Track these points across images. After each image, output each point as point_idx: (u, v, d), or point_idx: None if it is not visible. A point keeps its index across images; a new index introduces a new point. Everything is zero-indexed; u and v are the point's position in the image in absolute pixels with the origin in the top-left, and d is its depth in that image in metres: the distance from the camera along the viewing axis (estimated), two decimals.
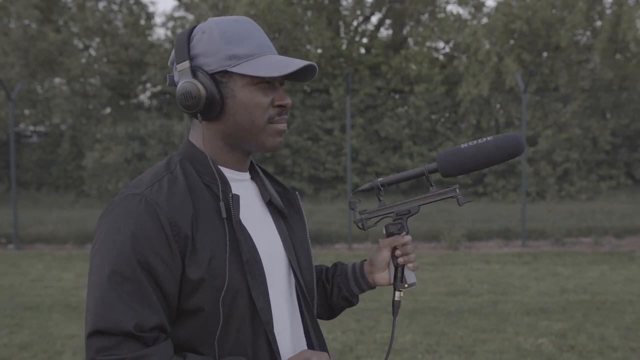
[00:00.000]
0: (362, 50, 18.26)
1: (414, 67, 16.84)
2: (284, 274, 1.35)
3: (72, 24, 18.02)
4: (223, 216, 1.21)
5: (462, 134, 16.12)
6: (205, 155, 1.27)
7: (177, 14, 19.90)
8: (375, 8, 18.76)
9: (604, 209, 12.76)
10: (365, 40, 18.99)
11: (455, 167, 1.37)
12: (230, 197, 1.24)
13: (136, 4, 18.30)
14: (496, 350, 4.81)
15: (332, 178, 15.73)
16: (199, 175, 1.26)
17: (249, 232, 1.26)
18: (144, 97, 18.31)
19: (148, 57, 16.59)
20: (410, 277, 1.44)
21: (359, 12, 18.75)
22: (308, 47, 16.55)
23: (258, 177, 1.40)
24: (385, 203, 1.44)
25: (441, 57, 17.86)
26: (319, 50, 16.83)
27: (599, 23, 16.14)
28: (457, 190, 1.38)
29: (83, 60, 17.25)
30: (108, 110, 17.20)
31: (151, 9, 32.73)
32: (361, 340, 5.12)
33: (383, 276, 1.47)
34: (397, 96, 16.74)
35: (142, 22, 18.38)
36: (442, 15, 18.10)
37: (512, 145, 1.35)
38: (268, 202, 1.39)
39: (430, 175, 1.40)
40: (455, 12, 22.45)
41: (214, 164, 1.27)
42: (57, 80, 17.61)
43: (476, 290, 6.83)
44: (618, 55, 16.71)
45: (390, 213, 1.44)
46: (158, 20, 44.28)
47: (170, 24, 17.97)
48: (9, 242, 10.65)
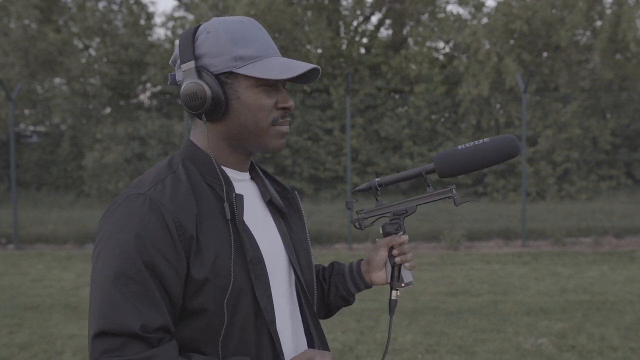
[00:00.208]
0: (362, 50, 18.25)
1: (414, 67, 16.84)
2: (285, 273, 1.36)
3: (72, 24, 18.02)
4: (228, 217, 1.22)
5: (462, 134, 16.12)
6: (208, 155, 1.27)
7: (177, 14, 19.90)
8: (375, 8, 18.75)
9: (604, 209, 12.76)
10: (365, 40, 18.98)
11: (452, 168, 1.39)
12: (234, 197, 1.24)
13: (136, 4, 18.30)
14: (496, 350, 4.81)
15: (332, 178, 15.73)
16: (201, 175, 1.26)
17: (251, 231, 1.26)
18: (144, 97, 18.31)
19: (148, 57, 16.59)
20: (407, 276, 1.45)
21: (359, 12, 18.75)
22: (308, 47, 16.55)
23: (258, 177, 1.40)
24: (382, 203, 1.46)
25: (441, 57, 17.85)
26: (319, 50, 16.83)
27: (599, 23, 16.14)
28: (454, 191, 1.40)
29: (83, 60, 17.25)
30: (108, 110, 17.20)
31: (151, 9, 32.74)
32: (361, 340, 5.12)
33: (380, 275, 1.48)
34: (397, 96, 16.74)
35: (142, 22, 18.38)
36: (442, 15, 18.09)
37: (508, 146, 1.37)
38: (268, 201, 1.39)
39: (427, 176, 1.41)
40: (455, 12, 22.45)
41: (217, 163, 1.27)
42: (57, 80, 17.61)
43: (476, 290, 6.83)
44: (618, 55, 16.70)
45: (387, 213, 1.45)
46: (158, 20, 44.31)
47: (170, 24, 17.97)
48: (9, 242, 10.65)
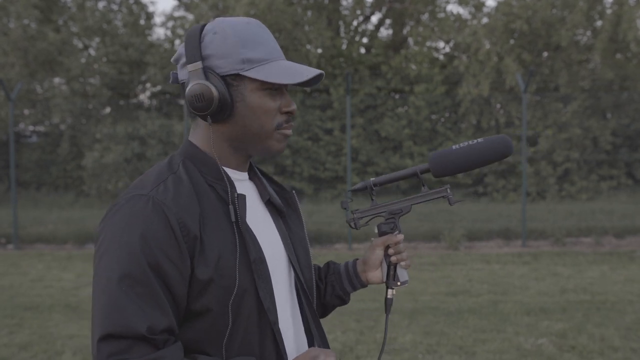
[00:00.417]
0: (362, 50, 18.25)
1: (414, 67, 16.83)
2: (285, 273, 1.36)
3: (71, 23, 18.02)
4: (233, 220, 1.22)
5: (462, 134, 16.11)
6: (209, 155, 1.28)
7: (177, 14, 19.90)
8: (375, 8, 18.75)
9: (604, 209, 12.76)
10: (365, 40, 18.98)
11: (446, 168, 1.40)
12: (236, 196, 1.24)
13: (136, 3, 18.29)
14: (496, 351, 4.80)
15: (332, 178, 15.72)
16: (202, 175, 1.26)
17: (253, 231, 1.27)
18: (143, 97, 18.31)
19: (148, 57, 16.58)
20: (402, 275, 1.46)
21: (359, 12, 18.74)
22: (308, 47, 16.54)
23: (256, 177, 1.40)
24: (377, 203, 1.46)
25: (441, 57, 17.85)
26: (319, 50, 16.82)
27: (599, 23, 16.14)
28: (449, 190, 1.42)
29: (83, 60, 17.24)
30: (108, 110, 17.20)
31: (151, 8, 32.78)
32: (361, 340, 5.11)
33: (376, 274, 1.49)
34: (397, 96, 16.73)
35: (142, 21, 18.37)
36: (442, 15, 18.09)
37: (502, 146, 1.40)
38: (267, 201, 1.39)
39: (422, 176, 1.43)
40: (455, 11, 22.46)
41: (218, 164, 1.27)
42: (56, 80, 17.61)
43: (476, 290, 6.83)
44: (618, 55, 16.70)
45: (382, 212, 1.46)
46: (158, 20, 44.30)
47: (170, 24, 17.96)
48: (8, 242, 10.64)
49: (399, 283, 1.46)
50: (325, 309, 1.58)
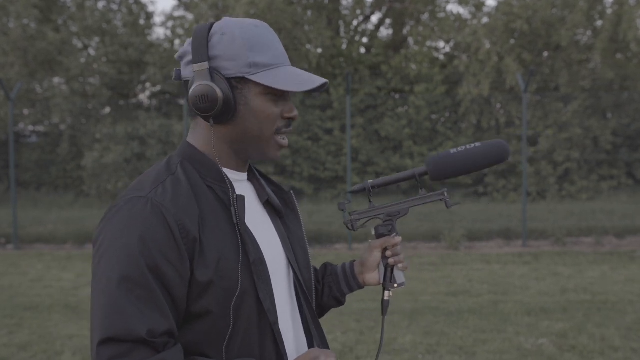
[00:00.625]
0: (362, 50, 18.24)
1: (414, 67, 16.83)
2: (284, 274, 1.36)
3: (71, 23, 18.02)
4: (235, 222, 1.22)
5: (462, 134, 16.11)
6: (208, 156, 1.28)
7: (176, 14, 19.92)
8: (375, 8, 18.74)
9: (604, 209, 12.75)
10: (365, 40, 18.97)
11: (443, 171, 1.42)
12: (235, 197, 1.24)
13: (136, 3, 18.29)
14: (497, 351, 4.79)
15: (332, 178, 15.71)
16: (201, 176, 1.26)
17: (252, 232, 1.27)
18: (143, 97, 18.31)
19: (147, 56, 16.58)
20: (399, 277, 1.48)
21: (359, 12, 18.74)
22: (308, 46, 16.53)
23: (254, 178, 1.40)
24: (375, 205, 1.48)
25: (441, 57, 17.84)
26: (319, 50, 16.81)
27: (599, 23, 16.13)
28: (446, 194, 1.44)
29: (82, 60, 17.24)
30: (107, 110, 17.19)
31: (151, 8, 32.81)
32: (361, 340, 5.10)
33: (373, 276, 1.50)
34: (397, 96, 16.73)
35: (142, 21, 18.37)
36: (442, 15, 18.08)
37: (499, 151, 1.42)
38: (265, 202, 1.39)
39: (420, 178, 1.45)
40: (455, 11, 22.48)
41: (218, 165, 1.27)
42: (56, 80, 17.60)
43: (476, 291, 6.82)
44: (619, 55, 16.70)
45: (380, 214, 1.48)
46: (157, 19, 44.31)
47: (169, 24, 17.97)
48: (8, 242, 10.63)
49: (395, 285, 1.47)
50: (322, 310, 1.58)
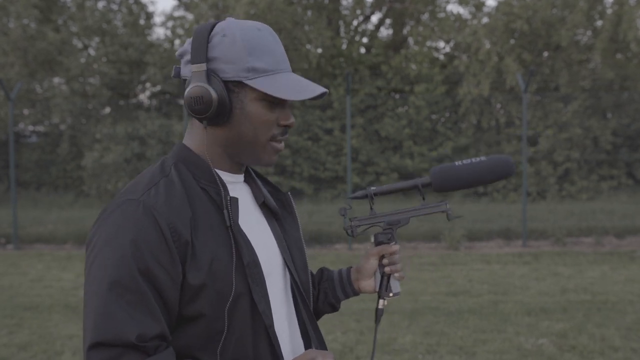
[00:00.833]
0: (362, 50, 18.24)
1: (414, 66, 16.82)
2: (280, 275, 1.35)
3: (71, 23, 18.01)
4: (228, 224, 1.21)
5: (462, 134, 16.11)
6: (202, 158, 1.26)
7: (176, 14, 19.91)
8: (375, 8, 18.74)
9: (604, 209, 12.75)
10: (365, 40, 18.97)
11: (447, 184, 1.44)
12: (229, 199, 1.23)
13: (135, 3, 18.29)
14: (497, 351, 4.79)
15: (332, 178, 15.71)
16: (194, 178, 1.25)
17: (246, 234, 1.26)
18: (143, 97, 18.30)
19: (147, 56, 16.57)
20: (395, 286, 1.48)
21: (359, 12, 18.74)
22: (308, 46, 16.53)
23: (251, 179, 1.39)
24: (375, 212, 1.48)
25: (441, 57, 17.84)
26: (319, 50, 16.81)
27: (599, 23, 16.13)
28: (447, 205, 1.45)
29: (82, 60, 17.23)
30: (107, 110, 17.19)
31: (151, 8, 32.80)
32: (361, 340, 5.10)
33: (369, 283, 1.50)
34: (397, 96, 16.72)
35: (142, 21, 18.37)
36: (442, 15, 18.08)
37: (504, 167, 1.45)
38: (262, 204, 1.38)
39: (423, 189, 1.46)
40: (455, 11, 22.47)
41: (211, 167, 1.26)
42: (56, 80, 17.60)
43: (476, 291, 6.82)
44: (619, 55, 16.69)
45: (380, 222, 1.48)
46: (157, 19, 44.28)
47: (169, 24, 17.97)
48: (8, 242, 10.63)
49: (391, 294, 1.47)
50: (316, 316, 1.57)
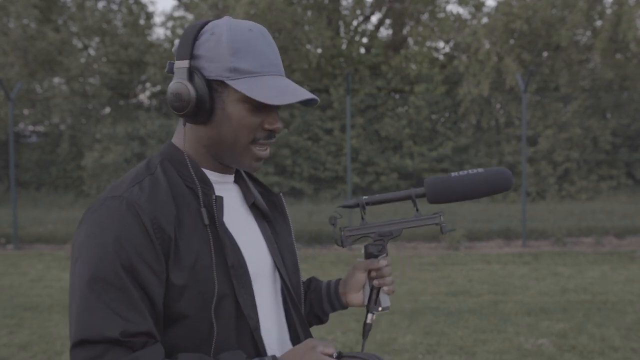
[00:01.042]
0: (362, 50, 18.24)
1: (414, 67, 16.83)
2: (269, 278, 1.32)
3: (71, 23, 18.02)
4: (205, 222, 1.18)
5: (462, 134, 16.12)
6: (188, 157, 1.24)
7: (176, 14, 19.90)
8: (375, 8, 18.74)
9: (604, 209, 12.75)
10: (365, 40, 18.97)
11: (442, 195, 1.38)
12: (214, 198, 1.21)
13: (135, 3, 18.29)
14: (497, 351, 4.79)
15: (332, 178, 15.72)
16: (180, 177, 1.23)
17: (233, 235, 1.23)
18: (143, 97, 18.30)
19: (147, 56, 16.57)
20: (384, 300, 1.43)
21: (359, 12, 18.74)
22: (308, 46, 16.54)
23: (241, 179, 1.37)
24: (367, 222, 1.43)
25: (441, 57, 17.85)
26: (319, 50, 16.82)
27: (599, 23, 16.14)
28: (442, 218, 1.39)
29: (82, 60, 17.24)
30: (107, 110, 17.20)
31: (151, 8, 32.76)
32: (361, 340, 5.09)
33: (356, 297, 1.46)
34: (397, 96, 16.73)
35: (142, 21, 18.37)
36: (442, 15, 18.09)
37: (502, 181, 1.38)
38: (252, 205, 1.36)
39: (417, 200, 1.39)
40: (455, 11, 22.48)
41: (197, 165, 1.24)
42: (56, 80, 17.61)
43: (476, 291, 6.82)
44: (618, 55, 16.71)
45: (372, 233, 1.43)
46: (157, 19, 44.22)
47: (169, 24, 17.97)
48: (8, 242, 10.63)
49: (380, 308, 1.41)
50: None
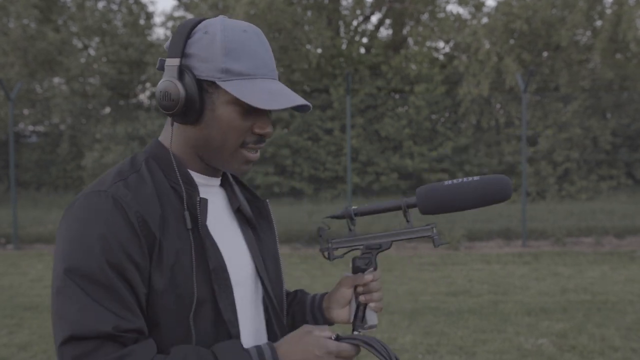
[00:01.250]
0: (362, 50, 18.25)
1: (414, 67, 16.84)
2: (251, 286, 1.28)
3: (71, 23, 18.02)
4: (188, 227, 1.15)
5: (462, 134, 16.12)
6: (174, 156, 1.20)
7: (176, 14, 19.88)
8: (375, 8, 18.75)
9: (604, 209, 12.75)
10: (365, 40, 18.98)
11: (434, 206, 1.28)
12: (198, 200, 1.17)
13: (135, 3, 18.30)
14: (497, 351, 4.79)
15: (332, 178, 15.72)
16: (165, 176, 1.19)
17: (215, 239, 1.19)
18: (143, 97, 18.30)
19: (147, 56, 16.58)
20: (371, 318, 1.32)
21: (359, 12, 18.75)
22: (308, 46, 16.54)
23: (228, 183, 1.33)
24: (355, 233, 1.35)
25: (441, 57, 17.86)
26: (319, 50, 16.82)
27: (599, 23, 16.15)
28: (434, 230, 1.29)
29: (82, 60, 17.24)
30: (107, 110, 17.20)
31: (150, 8, 32.77)
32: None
33: (341, 313, 1.37)
34: (397, 96, 16.73)
35: (142, 21, 18.38)
36: (442, 15, 18.10)
37: (500, 190, 1.26)
38: (237, 210, 1.32)
39: (408, 211, 1.30)
40: (455, 11, 22.48)
41: (183, 166, 1.20)
42: (56, 80, 17.62)
43: (476, 291, 6.82)
44: (618, 55, 16.71)
45: (360, 246, 1.34)
46: (157, 19, 44.23)
47: (169, 24, 17.97)
48: (8, 242, 10.63)
49: (366, 326, 1.31)
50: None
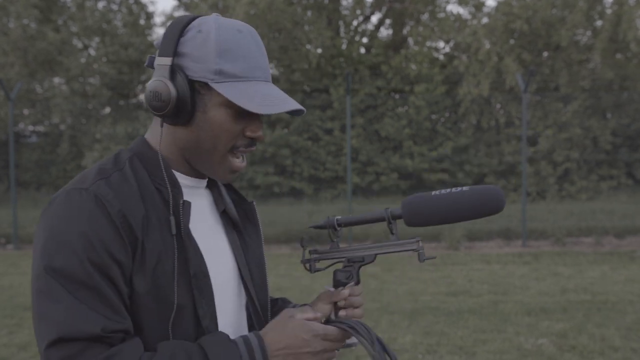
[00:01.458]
0: (362, 50, 18.25)
1: (414, 67, 16.84)
2: (234, 292, 1.25)
3: (71, 23, 18.03)
4: (173, 232, 1.11)
5: (462, 134, 16.12)
6: (159, 156, 1.16)
7: (176, 14, 19.90)
8: (375, 8, 18.75)
9: (604, 209, 12.75)
10: (365, 40, 18.98)
11: (420, 218, 1.21)
12: (181, 203, 1.13)
13: (136, 3, 18.30)
14: (497, 351, 4.79)
15: (332, 178, 15.72)
16: (150, 176, 1.15)
17: (198, 243, 1.15)
18: (143, 97, 18.31)
19: (147, 56, 16.56)
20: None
21: (359, 12, 18.75)
22: (308, 46, 16.54)
23: (215, 185, 1.30)
24: (338, 245, 1.30)
25: (441, 57, 17.86)
26: (319, 50, 16.82)
27: (599, 23, 16.15)
28: (420, 244, 1.23)
29: (82, 60, 17.25)
30: (107, 110, 17.20)
31: (151, 8, 32.75)
32: None
33: None
34: (397, 96, 16.73)
35: (142, 21, 18.38)
36: (442, 15, 18.10)
37: (490, 201, 1.18)
38: (222, 212, 1.29)
39: (394, 222, 1.24)
40: (455, 11, 22.48)
41: (169, 167, 1.17)
42: (56, 80, 17.62)
43: (476, 291, 6.82)
44: (618, 55, 16.71)
45: (342, 258, 1.29)
46: (158, 20, 44.10)
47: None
48: (8, 242, 10.63)
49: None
50: None
